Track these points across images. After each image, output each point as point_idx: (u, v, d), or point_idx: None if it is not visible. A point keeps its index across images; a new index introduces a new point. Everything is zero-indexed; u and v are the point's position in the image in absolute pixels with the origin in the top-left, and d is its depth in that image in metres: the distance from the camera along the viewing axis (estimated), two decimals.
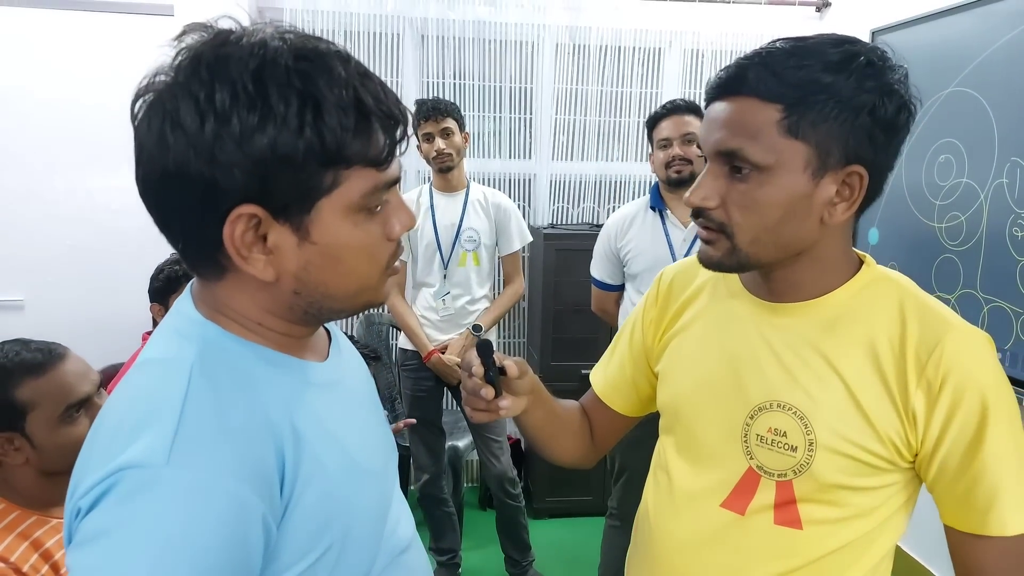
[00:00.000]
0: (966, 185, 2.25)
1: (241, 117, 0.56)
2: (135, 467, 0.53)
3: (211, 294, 0.67)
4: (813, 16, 3.21)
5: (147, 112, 0.59)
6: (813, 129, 0.77)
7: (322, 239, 0.62)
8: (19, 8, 2.70)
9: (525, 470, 3.32)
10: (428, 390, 2.58)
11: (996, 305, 2.13)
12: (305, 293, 0.65)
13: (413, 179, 3.16)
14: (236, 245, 0.60)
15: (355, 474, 0.69)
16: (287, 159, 0.58)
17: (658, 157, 2.17)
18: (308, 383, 0.69)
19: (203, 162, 0.57)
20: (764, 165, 0.78)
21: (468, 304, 2.55)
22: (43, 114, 2.76)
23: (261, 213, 0.59)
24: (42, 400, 1.14)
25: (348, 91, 0.59)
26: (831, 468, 0.82)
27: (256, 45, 0.59)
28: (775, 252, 0.83)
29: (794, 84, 0.76)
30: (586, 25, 3.14)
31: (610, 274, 2.34)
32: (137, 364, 0.65)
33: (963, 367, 0.79)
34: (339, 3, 2.96)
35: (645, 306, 1.07)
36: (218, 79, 0.57)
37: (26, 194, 2.79)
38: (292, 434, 0.62)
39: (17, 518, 1.13)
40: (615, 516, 2.29)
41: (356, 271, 0.66)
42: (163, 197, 0.61)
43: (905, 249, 2.52)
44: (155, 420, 0.56)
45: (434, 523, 2.66)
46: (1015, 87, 2.08)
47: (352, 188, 0.62)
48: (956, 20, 2.32)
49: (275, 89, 0.57)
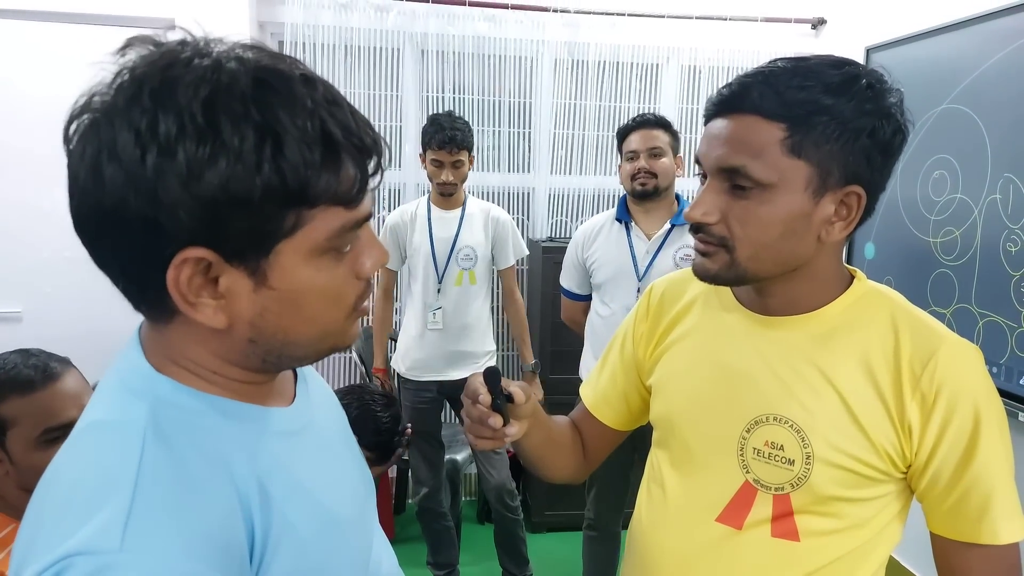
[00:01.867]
0: (960, 200, 2.27)
1: (188, 151, 0.49)
2: (86, 554, 0.48)
3: (161, 339, 0.60)
4: (809, 33, 3.25)
5: (81, 138, 0.52)
6: (815, 149, 0.78)
7: (281, 284, 0.55)
8: (19, 21, 2.72)
9: (523, 483, 3.31)
10: (427, 403, 2.59)
11: (991, 320, 2.14)
12: (262, 341, 0.58)
13: (412, 192, 3.18)
14: (182, 291, 0.53)
15: (330, 528, 0.64)
16: (241, 200, 0.51)
17: (625, 169, 2.23)
18: (274, 433, 0.63)
19: (143, 200, 0.50)
20: (767, 183, 0.79)
21: (465, 321, 2.55)
22: (42, 126, 2.77)
23: (211, 256, 0.52)
24: (23, 420, 1.12)
25: (314, 122, 0.52)
26: (828, 480, 0.83)
27: (209, 68, 0.51)
28: (772, 267, 0.84)
29: (797, 104, 0.77)
30: (584, 41, 3.17)
31: (578, 284, 2.38)
32: (81, 428, 0.58)
33: (956, 379, 0.80)
34: (340, 18, 2.99)
35: (636, 319, 1.07)
36: (162, 107, 0.50)
37: (24, 205, 2.80)
38: (259, 494, 0.57)
39: (10, 534, 1.12)
40: (591, 527, 2.38)
41: (319, 317, 0.59)
42: (98, 234, 0.54)
43: (901, 263, 2.54)
44: (107, 497, 0.50)
45: (432, 537, 2.65)
46: (1007, 104, 2.10)
47: (317, 229, 0.55)
48: (950, 38, 2.35)
49: (228, 120, 0.50)
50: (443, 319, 2.52)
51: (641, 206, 2.23)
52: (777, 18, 3.18)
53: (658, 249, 2.20)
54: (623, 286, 2.21)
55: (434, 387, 2.56)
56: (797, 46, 3.20)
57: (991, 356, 2.10)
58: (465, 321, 2.55)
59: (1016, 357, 2.06)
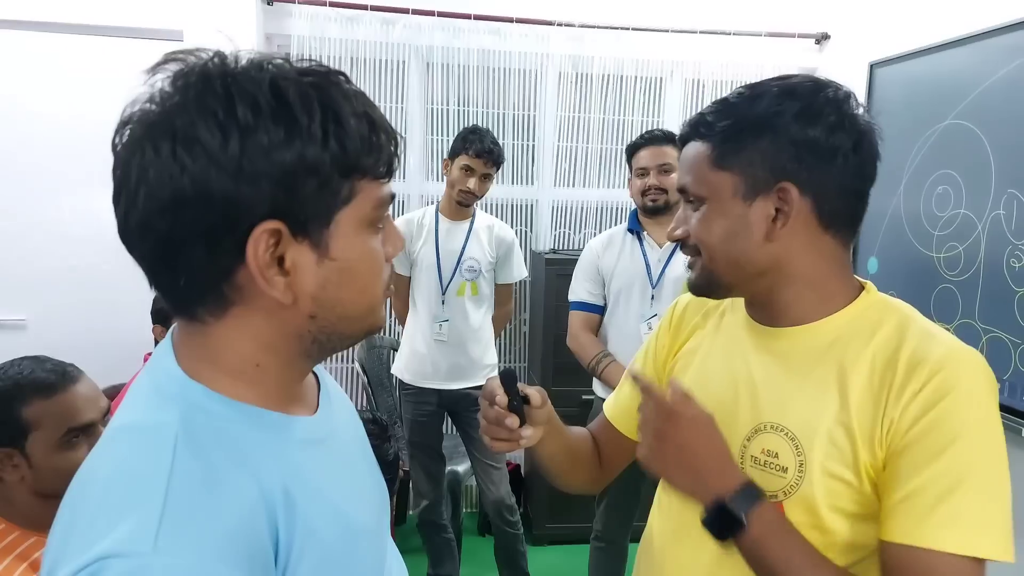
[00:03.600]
0: (964, 216, 2.27)
1: (268, 129, 0.55)
2: (119, 556, 0.49)
3: (201, 342, 0.62)
4: (812, 48, 3.26)
5: (144, 139, 0.56)
6: (736, 157, 0.85)
7: (341, 254, 0.61)
8: (30, 32, 2.75)
9: (525, 496, 3.30)
10: (428, 415, 2.58)
11: (995, 336, 2.14)
12: (321, 316, 0.62)
13: (417, 203, 3.19)
14: (260, 264, 0.57)
15: (350, 536, 0.66)
16: (313, 169, 0.57)
17: (635, 184, 2.31)
18: (298, 442, 0.65)
19: (227, 177, 0.55)
20: (702, 196, 0.89)
21: (467, 333, 2.56)
22: (51, 136, 2.79)
23: (283, 229, 0.57)
24: (46, 421, 1.14)
25: (359, 103, 0.60)
26: (820, 490, 0.82)
27: (257, 64, 0.58)
28: (732, 271, 0.89)
29: (720, 122, 0.87)
30: (588, 55, 3.19)
31: (592, 293, 2.39)
32: (115, 430, 0.60)
33: (944, 376, 0.78)
34: (346, 31, 3.01)
35: (659, 332, 1.11)
36: (237, 94, 0.55)
37: (31, 214, 2.82)
38: (284, 500, 0.59)
39: (16, 539, 1.13)
40: (599, 538, 2.40)
41: (369, 288, 0.65)
42: (169, 227, 0.57)
43: (904, 278, 2.53)
44: (139, 501, 0.52)
45: (433, 549, 2.64)
46: (1011, 120, 2.10)
47: (365, 200, 0.61)
48: (954, 54, 2.35)
49: (297, 101, 0.56)
50: (447, 331, 2.53)
51: (652, 219, 2.31)
52: (781, 33, 3.20)
53: (670, 257, 2.27)
54: (637, 294, 2.28)
55: (435, 398, 2.56)
56: (801, 61, 3.21)
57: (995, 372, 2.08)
58: (468, 333, 2.56)
59: (1020, 373, 2.05)
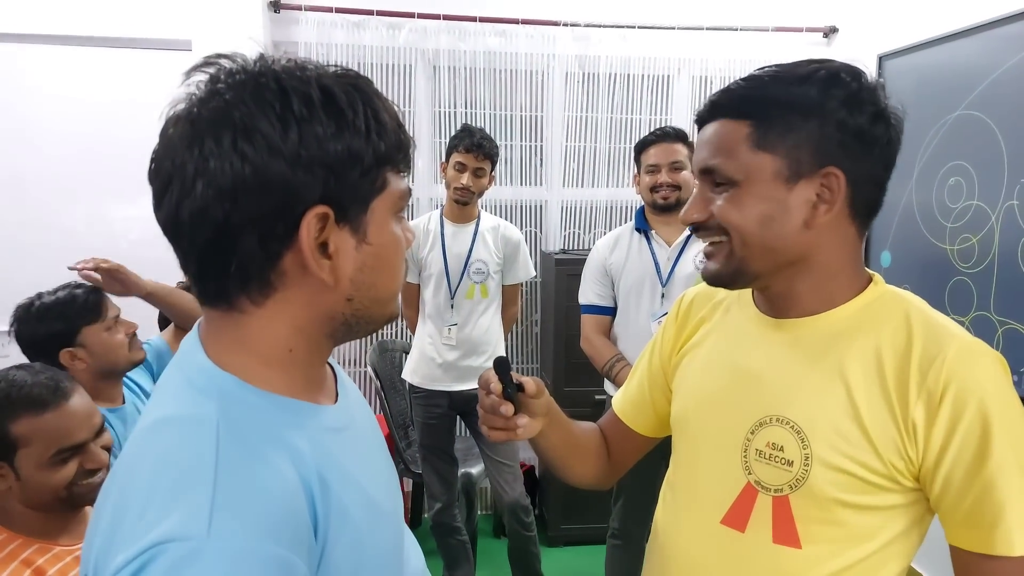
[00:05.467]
0: (976, 207, 2.25)
1: (321, 121, 0.60)
2: (175, 540, 0.51)
3: (233, 331, 0.65)
4: (821, 42, 3.24)
5: (201, 133, 0.59)
6: (780, 140, 0.83)
7: (376, 239, 0.66)
8: (41, 45, 2.78)
9: (540, 497, 3.29)
10: (439, 417, 2.58)
11: (1011, 327, 2.11)
12: (357, 298, 0.67)
13: (425, 206, 3.20)
14: (311, 246, 0.61)
15: (376, 517, 0.69)
16: (359, 158, 0.62)
17: (645, 181, 2.29)
18: (326, 428, 0.68)
19: (285, 164, 0.59)
20: (736, 178, 0.84)
21: (476, 335, 2.56)
22: (64, 146, 2.83)
23: (330, 214, 0.62)
24: (35, 439, 1.12)
25: (387, 103, 0.66)
26: (827, 483, 0.81)
27: (299, 66, 0.63)
28: (765, 257, 0.86)
29: (760, 100, 0.84)
30: (595, 54, 3.19)
31: (601, 295, 2.38)
32: (154, 423, 0.62)
33: (964, 377, 0.78)
34: (353, 36, 3.03)
35: (666, 326, 1.10)
36: (291, 89, 0.60)
37: (45, 225, 2.85)
38: (320, 484, 0.62)
39: (19, 546, 1.12)
40: (616, 535, 2.39)
41: (397, 272, 0.70)
42: (229, 213, 0.59)
43: (918, 271, 2.51)
44: (189, 488, 0.54)
45: (447, 552, 2.64)
46: (1022, 109, 2.08)
47: (394, 189, 0.67)
48: (962, 44, 2.33)
49: (343, 96, 0.62)
50: (456, 334, 2.53)
51: (661, 217, 2.29)
52: (789, 27, 3.18)
53: (679, 254, 2.26)
54: (648, 292, 2.27)
55: (445, 400, 2.57)
56: (809, 55, 3.15)
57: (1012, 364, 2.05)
58: (477, 334, 2.56)
59: None
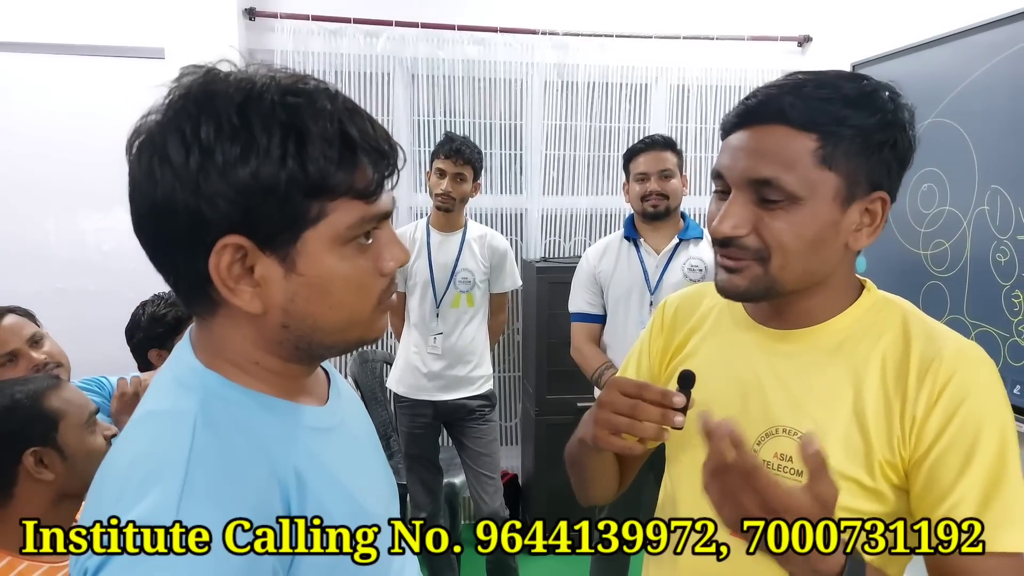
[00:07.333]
0: (949, 213, 2.29)
1: (224, 149, 0.57)
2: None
3: (209, 337, 0.67)
4: (795, 51, 3.29)
5: (139, 149, 0.61)
6: (845, 160, 0.78)
7: (308, 270, 0.62)
8: (12, 53, 2.73)
9: (522, 506, 3.28)
10: (424, 427, 2.57)
11: (983, 330, 2.15)
12: (293, 326, 0.65)
13: (405, 216, 3.18)
14: (222, 276, 0.60)
15: (361, 519, 0.68)
16: (270, 189, 0.58)
17: (634, 190, 2.29)
18: (306, 428, 0.69)
19: (188, 193, 0.58)
20: (799, 195, 0.78)
21: (461, 344, 2.55)
22: (36, 156, 2.78)
23: (247, 244, 0.60)
24: (68, 408, 1.19)
25: (333, 124, 0.60)
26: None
27: (244, 81, 0.60)
28: (801, 277, 0.83)
29: (826, 114, 0.78)
30: (573, 63, 3.20)
31: (591, 303, 2.38)
32: (139, 416, 0.65)
33: (962, 376, 0.79)
34: (330, 44, 3.01)
35: (651, 335, 1.08)
36: (204, 113, 0.58)
37: (15, 237, 2.80)
38: (295, 479, 0.62)
39: (26, 570, 1.12)
40: (601, 544, 2.36)
41: (344, 304, 0.65)
42: (153, 231, 0.62)
43: (892, 276, 2.54)
44: (162, 475, 0.56)
45: (431, 562, 2.61)
46: (993, 116, 2.12)
47: (338, 220, 0.62)
48: (934, 53, 2.38)
49: (259, 121, 0.58)
50: (442, 344, 2.52)
51: (650, 225, 2.30)
52: (763, 36, 3.22)
53: (667, 263, 2.27)
54: (636, 300, 2.28)
55: (430, 409, 2.55)
56: (784, 64, 3.23)
57: None
58: (462, 344, 2.55)
59: (1010, 367, 2.06)
